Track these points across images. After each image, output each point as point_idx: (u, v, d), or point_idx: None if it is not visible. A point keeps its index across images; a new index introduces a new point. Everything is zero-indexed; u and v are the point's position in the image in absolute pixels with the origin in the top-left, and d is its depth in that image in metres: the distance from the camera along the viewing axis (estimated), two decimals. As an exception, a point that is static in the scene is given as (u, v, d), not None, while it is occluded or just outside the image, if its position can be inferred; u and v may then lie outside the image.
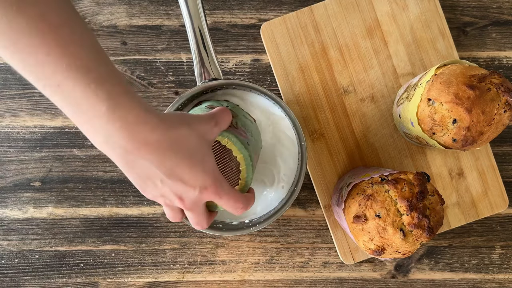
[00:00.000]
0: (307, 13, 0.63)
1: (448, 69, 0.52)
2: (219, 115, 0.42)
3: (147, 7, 0.65)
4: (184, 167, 0.36)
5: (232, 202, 0.40)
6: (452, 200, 0.63)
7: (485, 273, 0.64)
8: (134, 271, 0.64)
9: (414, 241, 0.49)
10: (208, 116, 0.41)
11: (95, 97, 0.32)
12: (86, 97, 0.32)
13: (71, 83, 0.31)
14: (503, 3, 0.65)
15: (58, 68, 0.31)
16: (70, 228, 0.64)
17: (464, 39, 0.65)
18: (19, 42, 0.30)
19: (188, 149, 0.37)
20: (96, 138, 0.34)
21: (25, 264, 0.64)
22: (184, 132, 0.36)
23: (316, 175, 0.63)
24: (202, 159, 0.37)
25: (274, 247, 0.64)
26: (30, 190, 0.64)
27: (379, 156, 0.63)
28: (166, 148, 0.35)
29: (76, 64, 0.31)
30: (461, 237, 0.64)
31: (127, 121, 0.33)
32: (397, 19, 0.63)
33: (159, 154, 0.35)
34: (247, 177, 0.44)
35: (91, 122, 0.33)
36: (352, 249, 0.62)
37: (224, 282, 0.64)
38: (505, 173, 0.65)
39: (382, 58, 0.63)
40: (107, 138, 0.33)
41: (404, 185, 0.49)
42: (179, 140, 0.36)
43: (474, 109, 0.49)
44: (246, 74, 0.65)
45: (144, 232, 0.64)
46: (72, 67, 0.31)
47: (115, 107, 0.32)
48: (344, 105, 0.63)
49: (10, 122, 0.64)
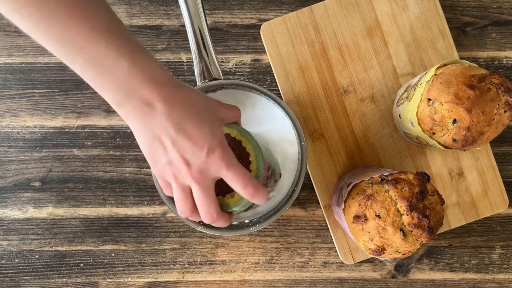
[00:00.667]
0: (307, 13, 0.63)
1: (448, 69, 0.52)
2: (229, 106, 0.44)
3: (147, 7, 0.65)
4: (193, 123, 0.37)
5: (241, 178, 0.39)
6: (452, 200, 0.63)
7: (485, 273, 0.64)
8: (134, 271, 0.64)
9: (414, 241, 0.49)
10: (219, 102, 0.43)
11: (117, 54, 0.35)
12: (109, 55, 0.35)
13: (94, 43, 0.34)
14: (503, 3, 0.65)
15: (82, 30, 0.34)
16: (70, 228, 0.64)
17: (464, 39, 0.65)
18: (44, 8, 0.33)
19: (198, 109, 0.38)
20: (117, 95, 0.36)
21: (25, 264, 0.64)
22: (195, 96, 0.39)
23: (316, 175, 0.63)
24: (210, 121, 0.39)
25: (274, 247, 0.64)
26: (30, 190, 0.64)
27: (379, 156, 0.63)
28: (178, 101, 0.37)
29: (98, 25, 0.34)
30: (461, 237, 0.64)
31: (146, 75, 0.36)
32: (397, 19, 0.63)
33: (170, 104, 0.37)
34: (258, 167, 0.43)
35: (112, 78, 0.35)
36: (352, 249, 0.62)
37: (224, 282, 0.64)
38: (505, 173, 0.65)
39: (382, 58, 0.63)
40: (127, 92, 0.36)
41: (404, 185, 0.49)
42: (190, 99, 0.38)
43: (474, 109, 0.49)
44: (246, 74, 0.65)
45: (144, 232, 0.64)
46: (95, 28, 0.34)
47: (136, 62, 0.36)
48: (344, 105, 0.63)
49: (10, 122, 0.64)
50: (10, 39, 0.64)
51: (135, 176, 0.64)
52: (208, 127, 0.38)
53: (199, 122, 0.38)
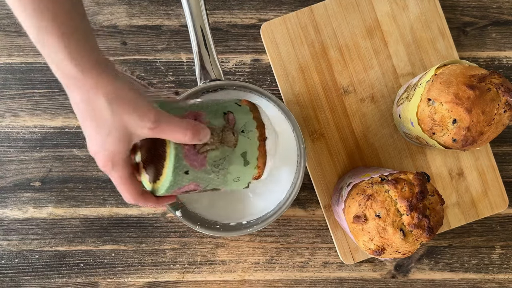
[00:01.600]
0: (307, 13, 0.63)
1: (448, 69, 0.52)
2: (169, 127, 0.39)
3: (147, 7, 0.65)
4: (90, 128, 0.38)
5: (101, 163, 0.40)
6: (452, 200, 0.63)
7: (485, 273, 0.64)
8: (134, 271, 0.64)
9: (414, 241, 0.49)
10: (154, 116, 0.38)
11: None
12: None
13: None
14: (503, 3, 0.65)
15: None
16: (70, 228, 0.64)
17: (464, 39, 0.65)
18: None
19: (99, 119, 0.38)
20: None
21: (25, 264, 0.64)
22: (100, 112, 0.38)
23: (316, 175, 0.63)
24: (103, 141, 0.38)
25: (274, 247, 0.64)
26: (30, 190, 0.64)
27: (379, 156, 0.63)
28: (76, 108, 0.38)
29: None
30: (461, 237, 0.64)
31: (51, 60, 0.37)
32: (397, 19, 0.63)
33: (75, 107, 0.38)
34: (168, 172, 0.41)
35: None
36: (352, 249, 0.62)
37: (224, 282, 0.64)
38: (505, 173, 0.65)
39: (382, 58, 0.63)
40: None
41: (404, 185, 0.49)
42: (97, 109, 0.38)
43: (474, 109, 0.49)
44: (246, 74, 0.65)
45: (144, 232, 0.64)
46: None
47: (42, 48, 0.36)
48: (344, 105, 0.63)
49: (10, 122, 0.64)
50: (10, 39, 0.64)
51: (135, 176, 0.64)
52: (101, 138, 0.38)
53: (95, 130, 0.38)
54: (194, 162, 0.41)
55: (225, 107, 0.44)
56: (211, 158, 0.42)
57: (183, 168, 0.41)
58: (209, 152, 0.42)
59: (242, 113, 0.45)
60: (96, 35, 0.64)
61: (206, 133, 0.41)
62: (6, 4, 0.62)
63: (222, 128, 0.43)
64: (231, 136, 0.43)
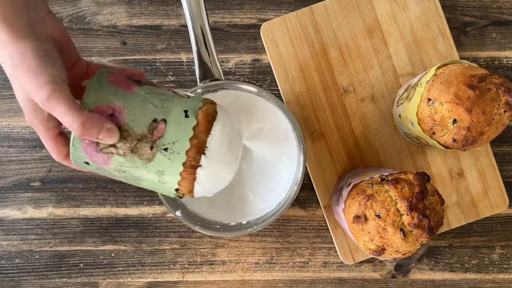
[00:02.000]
0: (307, 13, 0.63)
1: (448, 69, 0.52)
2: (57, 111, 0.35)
3: (147, 7, 0.65)
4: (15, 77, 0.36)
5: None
6: (452, 200, 0.63)
7: (485, 273, 0.64)
8: (134, 271, 0.64)
9: (414, 241, 0.49)
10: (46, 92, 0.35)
11: None
12: None
13: None
14: (503, 3, 0.65)
15: None
16: (70, 228, 0.64)
17: (464, 39, 0.65)
18: None
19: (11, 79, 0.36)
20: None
21: (25, 264, 0.64)
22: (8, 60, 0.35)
23: (316, 175, 0.62)
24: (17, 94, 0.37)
25: (274, 247, 0.64)
26: (30, 190, 0.64)
27: (379, 156, 0.63)
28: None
29: None
30: (461, 237, 0.64)
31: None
32: (397, 19, 0.63)
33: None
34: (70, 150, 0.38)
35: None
36: (352, 249, 0.62)
37: (224, 282, 0.64)
38: (505, 173, 0.64)
39: (382, 58, 0.63)
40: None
41: (404, 185, 0.49)
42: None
43: (474, 109, 0.49)
44: (246, 74, 0.65)
45: (144, 232, 0.64)
46: None
47: None
48: (344, 105, 0.63)
49: (10, 122, 0.64)
50: (10, 39, 0.64)
51: (135, 176, 0.64)
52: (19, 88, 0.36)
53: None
54: (94, 158, 0.38)
55: (163, 112, 0.38)
56: (115, 162, 0.38)
57: (82, 158, 0.38)
58: (114, 155, 0.37)
59: (180, 128, 0.38)
60: (96, 35, 0.64)
61: (109, 134, 0.36)
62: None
63: (140, 137, 0.37)
64: (147, 150, 0.38)
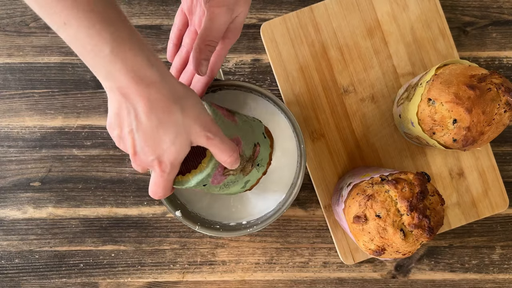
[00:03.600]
0: (307, 13, 0.63)
1: (448, 69, 0.52)
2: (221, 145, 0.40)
3: (147, 7, 0.65)
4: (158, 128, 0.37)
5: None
6: (452, 200, 0.63)
7: (486, 273, 0.64)
8: (134, 271, 0.64)
9: (414, 241, 0.49)
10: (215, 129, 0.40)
11: (98, 38, 0.34)
12: (90, 37, 0.33)
13: (75, 22, 0.33)
14: (503, 3, 0.65)
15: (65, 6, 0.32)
16: (70, 228, 0.64)
17: (465, 39, 0.65)
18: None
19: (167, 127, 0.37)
20: (99, 73, 0.36)
21: (24, 264, 0.64)
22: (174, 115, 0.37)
23: (316, 175, 0.62)
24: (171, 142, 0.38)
25: (274, 247, 0.64)
26: (30, 190, 0.64)
27: (379, 156, 0.63)
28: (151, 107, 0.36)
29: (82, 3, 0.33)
30: (462, 237, 0.64)
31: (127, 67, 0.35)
32: (398, 19, 0.63)
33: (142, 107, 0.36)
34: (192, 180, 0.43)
35: (94, 59, 0.35)
36: (352, 249, 0.62)
37: (224, 282, 0.64)
38: (506, 173, 0.64)
39: (382, 58, 0.63)
40: (107, 74, 0.35)
41: (404, 185, 0.49)
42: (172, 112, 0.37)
43: (475, 109, 0.49)
44: (246, 74, 0.65)
45: (144, 232, 0.64)
46: (77, 6, 0.33)
47: (118, 50, 0.34)
48: (344, 105, 0.63)
49: (10, 122, 0.64)
50: (10, 39, 0.64)
51: (134, 176, 0.64)
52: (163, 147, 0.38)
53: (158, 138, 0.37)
54: (215, 181, 0.44)
55: (256, 138, 0.48)
56: (228, 180, 0.45)
57: (205, 182, 0.43)
58: (229, 176, 0.45)
59: (264, 148, 0.49)
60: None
61: (238, 162, 0.43)
62: (5, 4, 0.62)
63: (248, 159, 0.46)
64: (249, 167, 0.47)
